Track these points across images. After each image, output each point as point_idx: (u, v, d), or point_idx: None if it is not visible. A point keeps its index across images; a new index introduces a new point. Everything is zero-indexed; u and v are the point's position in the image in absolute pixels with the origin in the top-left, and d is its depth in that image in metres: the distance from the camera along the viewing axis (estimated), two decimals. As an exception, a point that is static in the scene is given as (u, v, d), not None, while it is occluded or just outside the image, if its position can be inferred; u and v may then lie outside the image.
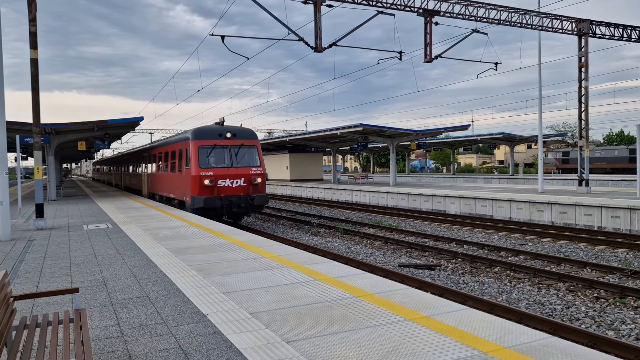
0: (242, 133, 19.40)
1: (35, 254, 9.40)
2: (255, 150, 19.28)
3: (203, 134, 18.66)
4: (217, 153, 18.55)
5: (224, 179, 18.08)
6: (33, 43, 13.34)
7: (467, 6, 21.20)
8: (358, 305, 5.47)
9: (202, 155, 18.16)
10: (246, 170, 18.63)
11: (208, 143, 18.45)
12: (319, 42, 18.16)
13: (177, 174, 20.24)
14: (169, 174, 21.72)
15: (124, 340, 4.62)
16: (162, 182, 23.25)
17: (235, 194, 18.16)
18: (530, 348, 4.14)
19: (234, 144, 18.85)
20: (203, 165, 18.01)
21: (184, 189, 18.90)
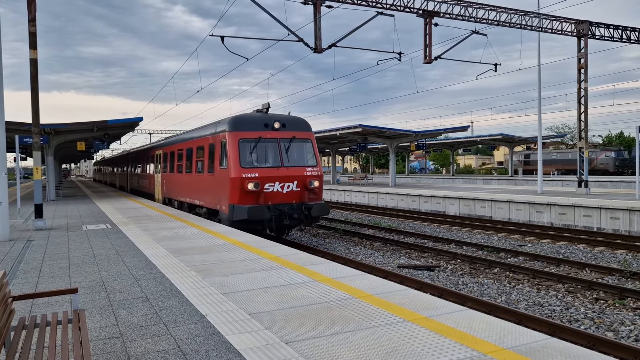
0: (294, 123, 15.40)
1: (34, 254, 9.38)
2: (310, 145, 15.45)
3: (244, 123, 14.65)
4: (263, 148, 14.72)
5: (272, 182, 14.19)
6: (32, 43, 13.33)
7: (466, 7, 21.21)
8: (357, 306, 5.46)
9: (243, 151, 14.25)
10: (300, 170, 14.77)
11: (251, 135, 14.46)
12: (318, 42, 18.17)
13: (206, 176, 16.39)
14: (194, 176, 17.74)
15: (122, 340, 4.61)
16: (184, 185, 19.30)
17: (286, 201, 14.39)
18: (530, 349, 4.13)
19: (284, 137, 14.91)
20: (245, 164, 14.13)
21: (217, 195, 15.04)
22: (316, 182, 14.83)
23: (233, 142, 14.27)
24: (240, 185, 13.85)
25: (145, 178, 28.53)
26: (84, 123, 23.49)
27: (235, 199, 13.95)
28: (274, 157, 14.70)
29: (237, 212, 13.77)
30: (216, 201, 15.23)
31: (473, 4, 21.29)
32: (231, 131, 14.42)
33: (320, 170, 15.18)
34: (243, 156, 14.22)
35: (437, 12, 20.42)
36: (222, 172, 14.64)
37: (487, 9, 21.62)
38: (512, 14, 22.38)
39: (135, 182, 32.90)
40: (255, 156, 14.52)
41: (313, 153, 15.40)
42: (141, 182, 30.12)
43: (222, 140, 14.72)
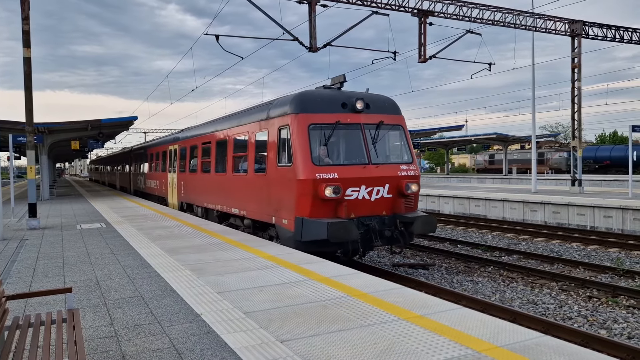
0: (380, 103, 11.37)
1: (28, 254, 9.34)
2: (402, 134, 11.49)
3: (315, 103, 10.59)
4: (342, 138, 10.80)
5: (357, 185, 10.25)
6: (26, 42, 13.26)
7: (461, 7, 21.26)
8: (352, 305, 5.47)
9: (315, 141, 10.30)
10: (393, 169, 10.78)
11: (326, 119, 10.44)
12: (313, 42, 18.16)
13: (251, 177, 12.31)
14: (231, 177, 13.70)
15: (117, 340, 4.60)
16: (213, 189, 15.31)
17: (374, 213, 10.45)
18: (524, 347, 4.16)
19: (370, 122, 10.89)
20: (319, 160, 10.18)
21: (272, 204, 11.11)
22: (414, 185, 10.78)
23: (301, 129, 10.18)
24: (314, 191, 9.82)
25: (155, 178, 24.53)
26: (78, 122, 23.40)
27: (305, 209, 9.90)
28: (357, 150, 10.69)
29: (309, 229, 9.75)
30: (270, 211, 11.20)
31: (467, 4, 21.35)
32: (297, 113, 10.31)
33: (417, 169, 11.28)
34: (315, 149, 10.19)
35: (431, 11, 20.46)
36: (281, 172, 10.65)
37: (481, 8, 21.68)
38: (507, 14, 22.46)
39: (140, 183, 28.64)
40: (333, 149, 10.61)
41: (407, 145, 11.43)
42: (149, 184, 26.06)
43: (282, 127, 10.72)
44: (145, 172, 27.17)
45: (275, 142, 10.96)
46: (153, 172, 25.04)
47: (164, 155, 22.65)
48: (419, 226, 10.34)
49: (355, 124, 10.72)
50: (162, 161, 22.97)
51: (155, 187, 24.30)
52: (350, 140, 10.76)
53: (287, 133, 10.44)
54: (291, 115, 10.40)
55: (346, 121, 10.62)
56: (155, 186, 24.45)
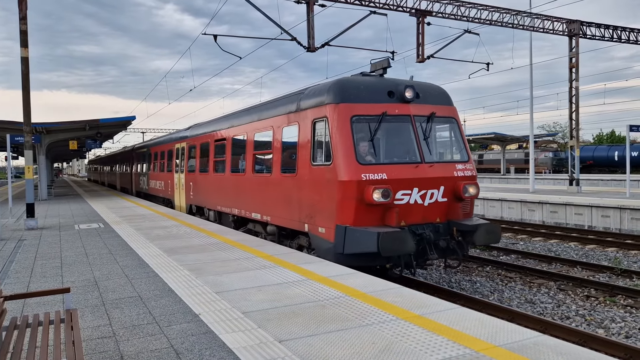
0: (430, 92, 10.03)
1: (26, 254, 9.33)
2: (456, 127, 10.15)
3: (358, 90, 9.17)
4: (390, 132, 9.42)
5: (408, 188, 8.89)
6: (24, 41, 13.24)
7: (459, 7, 21.28)
8: (351, 305, 5.47)
9: (359, 135, 8.93)
10: (448, 169, 9.45)
11: (371, 110, 9.08)
12: (311, 41, 18.16)
13: (277, 178, 10.88)
14: (252, 178, 12.24)
15: (115, 340, 4.60)
16: (230, 190, 13.84)
17: (428, 220, 9.14)
18: (522, 346, 4.16)
19: (420, 113, 9.54)
20: (365, 159, 8.81)
21: (305, 209, 9.71)
22: (472, 187, 9.40)
23: (342, 121, 8.80)
24: (359, 194, 8.44)
25: (159, 179, 23.11)
26: (76, 122, 23.37)
27: (347, 216, 8.51)
28: (407, 146, 9.35)
29: (354, 240, 8.35)
30: (301, 218, 9.79)
31: (465, 4, 21.37)
32: (338, 103, 8.92)
33: (474, 168, 9.88)
34: (360, 144, 8.83)
35: (429, 11, 20.48)
36: (317, 173, 9.24)
37: (479, 8, 21.70)
38: (504, 14, 22.48)
39: (143, 184, 27.03)
40: (379, 145, 9.20)
41: (461, 140, 10.09)
42: (153, 184, 24.52)
43: (317, 120, 9.38)
44: (148, 172, 25.61)
45: (309, 137, 9.57)
46: (158, 172, 23.54)
47: (170, 154, 21.26)
48: (481, 236, 8.94)
49: (404, 116, 9.32)
50: (168, 160, 21.60)
51: (160, 188, 22.87)
52: (398, 135, 9.39)
53: (325, 126, 9.06)
54: (330, 106, 9.01)
55: (394, 112, 9.22)
56: (159, 187, 23.02)
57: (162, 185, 22.54)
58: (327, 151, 9.00)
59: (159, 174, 23.24)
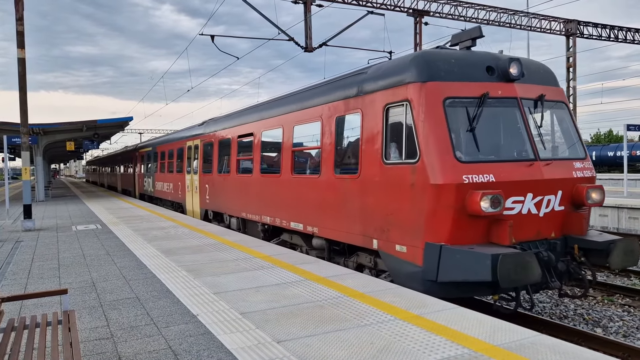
0: (535, 69, 7.95)
1: (23, 255, 9.30)
2: (567, 114, 8.10)
3: (449, 65, 7.16)
4: (494, 119, 7.29)
5: (521, 193, 6.89)
6: (20, 42, 13.21)
7: (456, 6, 21.31)
8: (349, 305, 5.47)
9: (455, 125, 6.94)
10: (566, 168, 7.41)
11: (467, 90, 7.09)
12: (309, 42, 18.17)
13: (330, 180, 8.94)
14: (290, 180, 10.39)
15: (113, 341, 4.58)
16: (261, 195, 11.84)
17: (543, 235, 7.14)
18: (520, 346, 4.17)
19: (528, 96, 7.51)
20: (464, 154, 6.84)
21: (378, 220, 7.66)
22: (596, 193, 7.33)
23: (432, 104, 6.81)
24: (459, 202, 6.45)
25: (167, 181, 21.21)
26: (73, 123, 23.35)
27: (442, 231, 6.50)
28: (515, 138, 7.31)
29: (455, 264, 6.30)
30: (368, 231, 7.81)
31: (463, 3, 21.40)
32: (425, 82, 6.92)
33: (593, 168, 7.86)
34: (457, 136, 6.80)
35: (427, 11, 20.50)
36: (393, 173, 7.25)
37: (476, 8, 21.74)
38: (502, 13, 22.52)
39: (148, 186, 25.04)
40: (481, 137, 6.94)
41: (575, 131, 8.04)
42: (159, 187, 22.65)
43: (392, 105, 7.39)
44: (154, 174, 23.56)
45: (379, 127, 7.62)
46: (165, 174, 21.55)
47: (180, 153, 19.24)
48: (618, 257, 6.83)
49: (509, 99, 7.25)
50: (177, 160, 19.56)
51: (168, 190, 20.85)
52: (503, 123, 7.28)
53: (405, 113, 7.08)
54: (414, 86, 6.97)
55: (496, 94, 7.13)
56: (167, 190, 20.98)
57: (170, 188, 20.54)
58: (410, 145, 6.97)
59: (167, 175, 21.22)
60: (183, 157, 18.77)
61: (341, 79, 9.24)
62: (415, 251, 6.82)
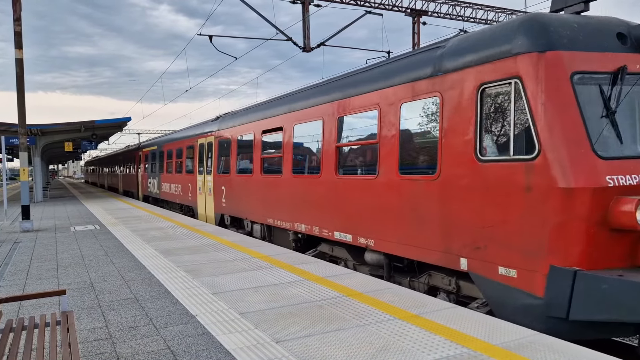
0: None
1: (22, 256, 9.28)
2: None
3: (571, 31, 5.55)
4: (632, 102, 5.66)
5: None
6: (18, 43, 13.19)
7: (454, 6, 21.33)
8: (348, 305, 5.47)
9: (588, 108, 5.36)
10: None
11: (598, 63, 5.51)
12: (307, 41, 18.16)
13: (392, 182, 7.56)
14: (334, 182, 8.99)
15: (112, 342, 4.58)
16: (293, 199, 10.35)
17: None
18: (519, 345, 4.17)
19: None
20: (605, 147, 5.28)
21: (470, 234, 6.07)
22: None
23: (556, 80, 5.44)
24: (600, 212, 5.09)
25: (175, 182, 19.58)
26: (71, 123, 23.33)
27: (576, 251, 5.08)
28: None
29: (598, 296, 4.81)
30: (452, 247, 6.36)
31: (461, 3, 21.42)
32: (543, 51, 5.50)
33: None
34: (593, 124, 5.43)
35: (425, 11, 20.52)
36: (495, 173, 5.81)
37: (474, 7, 21.76)
38: (500, 13, 22.54)
39: (153, 187, 23.46)
40: (623, 124, 5.63)
41: None
42: (166, 188, 21.04)
43: (490, 84, 5.97)
44: (160, 174, 21.89)
45: (470, 114, 6.14)
46: (173, 174, 19.84)
47: (190, 151, 17.60)
48: None
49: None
50: (187, 159, 17.89)
51: (177, 192, 19.17)
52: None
53: (514, 93, 5.61)
54: (527, 57, 5.52)
55: (635, 68, 5.72)
56: (176, 192, 19.27)
57: (179, 190, 18.75)
58: (522, 136, 5.52)
59: (175, 175, 19.44)
60: (194, 155, 17.11)
61: (406, 57, 7.65)
62: (531, 277, 5.28)
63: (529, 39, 5.51)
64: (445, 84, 6.57)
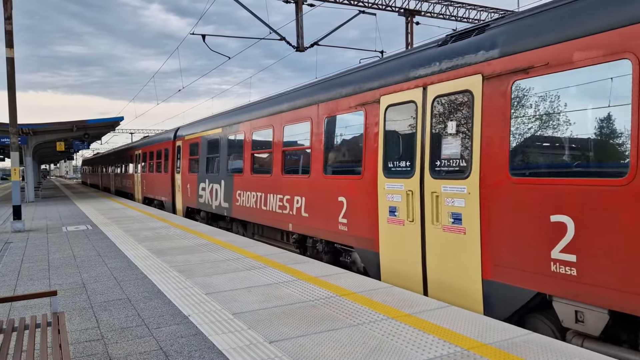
0: None
1: (13, 257, 9.21)
2: None
3: None
4: None
5: None
6: (9, 42, 13.09)
7: (447, 6, 21.39)
8: (341, 305, 5.46)
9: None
10: None
11: None
12: (300, 41, 18.15)
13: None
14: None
15: (104, 343, 4.55)
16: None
17: None
18: (512, 344, 4.18)
19: None
20: None
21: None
22: None
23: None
24: None
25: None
26: (63, 123, 23.19)
27: None
28: None
29: None
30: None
31: (454, 3, 21.48)
32: None
33: None
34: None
35: (418, 11, 20.56)
36: None
37: (467, 7, 21.83)
38: (493, 13, 22.63)
39: (207, 197, 15.52)
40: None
41: None
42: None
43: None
44: (230, 175, 13.29)
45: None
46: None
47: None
48: None
49: None
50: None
51: (283, 210, 10.50)
52: None
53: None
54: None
55: None
56: (281, 208, 10.55)
57: (286, 204, 10.41)
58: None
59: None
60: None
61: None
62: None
63: None
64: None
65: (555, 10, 5.15)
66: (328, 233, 8.66)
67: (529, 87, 5.23)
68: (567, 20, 4.92)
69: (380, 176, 7.40)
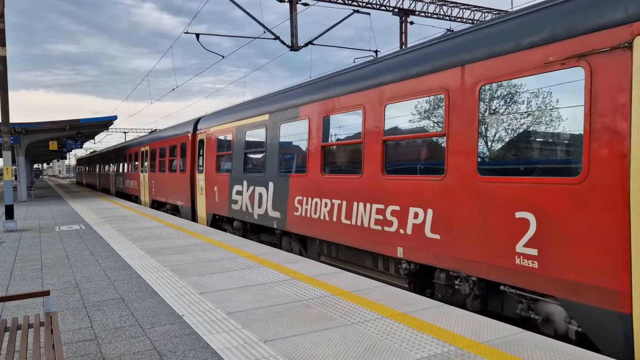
0: None
1: (5, 257, 9.15)
2: None
3: None
4: None
5: None
6: (1, 40, 12.99)
7: (441, 6, 21.44)
8: (335, 304, 5.47)
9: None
10: None
11: None
12: (295, 40, 18.14)
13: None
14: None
15: (97, 343, 4.53)
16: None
17: None
18: (505, 342, 4.20)
19: None
20: None
21: None
22: None
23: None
24: None
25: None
26: (56, 122, 23.07)
27: None
28: None
29: None
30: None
31: (448, 3, 21.54)
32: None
33: None
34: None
35: (412, 10, 20.60)
36: None
37: (461, 7, 21.89)
38: (486, 13, 22.71)
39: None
40: None
41: None
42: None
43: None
44: (287, 175, 10.39)
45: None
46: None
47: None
48: None
49: None
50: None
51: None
52: None
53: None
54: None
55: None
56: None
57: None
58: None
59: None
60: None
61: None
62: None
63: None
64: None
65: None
66: (488, 268, 5.55)
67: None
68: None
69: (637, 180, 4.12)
